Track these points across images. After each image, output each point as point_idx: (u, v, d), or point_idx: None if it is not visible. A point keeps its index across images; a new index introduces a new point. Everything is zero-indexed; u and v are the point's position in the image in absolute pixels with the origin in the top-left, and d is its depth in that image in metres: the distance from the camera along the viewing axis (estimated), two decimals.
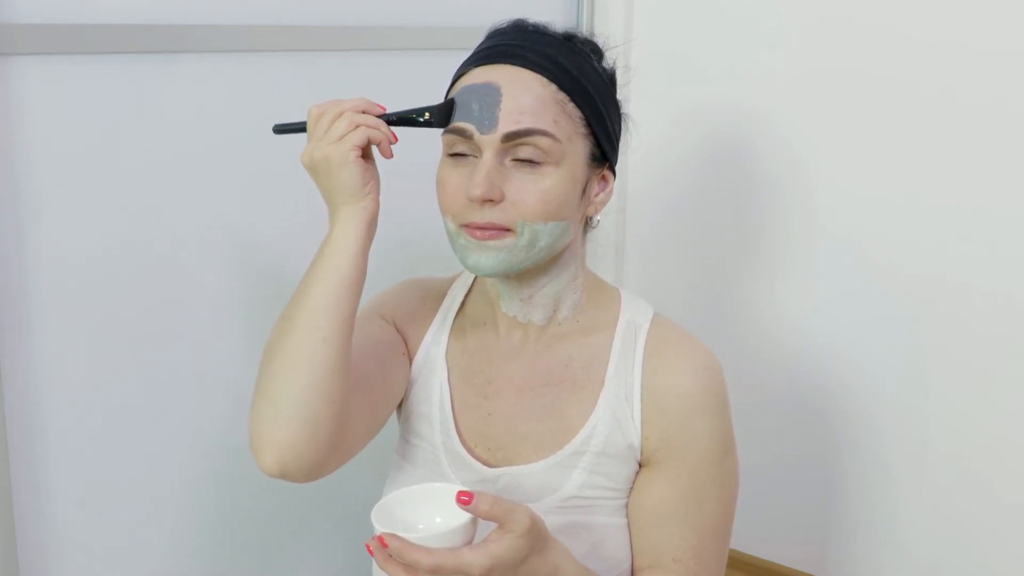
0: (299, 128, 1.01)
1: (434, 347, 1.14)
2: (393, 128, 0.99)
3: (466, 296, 1.17)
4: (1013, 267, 1.61)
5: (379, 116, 0.98)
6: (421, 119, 1.00)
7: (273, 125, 1.03)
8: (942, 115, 1.64)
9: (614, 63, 1.09)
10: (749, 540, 1.90)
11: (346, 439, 1.00)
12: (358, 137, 0.95)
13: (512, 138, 0.98)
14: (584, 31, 1.10)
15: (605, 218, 1.16)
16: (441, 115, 1.00)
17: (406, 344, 1.15)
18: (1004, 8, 1.57)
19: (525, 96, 0.99)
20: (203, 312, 1.40)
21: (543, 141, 0.98)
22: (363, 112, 0.97)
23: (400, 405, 1.17)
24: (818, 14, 1.76)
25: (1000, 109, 1.59)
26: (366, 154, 0.98)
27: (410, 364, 1.15)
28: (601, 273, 1.19)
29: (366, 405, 1.05)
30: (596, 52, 1.07)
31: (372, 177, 0.97)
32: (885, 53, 1.69)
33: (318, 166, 0.96)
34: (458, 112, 1.00)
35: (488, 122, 0.98)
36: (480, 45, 1.06)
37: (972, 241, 1.64)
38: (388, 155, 0.99)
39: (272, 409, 0.95)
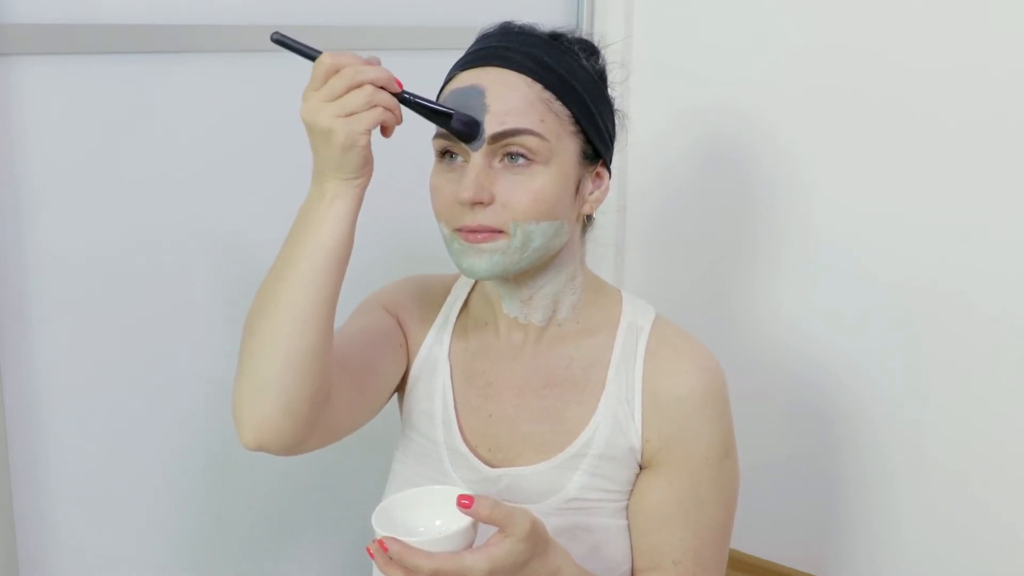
0: (303, 52, 0.91)
1: (436, 345, 1.14)
2: (402, 109, 0.92)
3: (469, 295, 1.17)
4: (1006, 271, 1.62)
5: (396, 94, 0.90)
6: (439, 115, 0.95)
7: (275, 32, 0.91)
8: (939, 124, 1.64)
9: (604, 60, 1.08)
10: (749, 540, 1.90)
11: (329, 420, 0.99)
12: (371, 120, 0.87)
13: (499, 139, 0.97)
14: (584, 32, 1.09)
15: (604, 217, 1.15)
16: (461, 125, 0.96)
17: (405, 337, 1.14)
18: (999, 26, 1.57)
19: (510, 97, 0.98)
20: (203, 313, 1.40)
21: (530, 140, 0.98)
22: (382, 88, 0.88)
23: (402, 401, 1.17)
24: (818, 20, 1.75)
25: (996, 121, 1.59)
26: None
27: (407, 357, 1.14)
28: (601, 273, 1.19)
29: (354, 389, 1.04)
30: (585, 50, 1.06)
31: (371, 156, 0.92)
32: (883, 58, 1.69)
33: (318, 133, 0.88)
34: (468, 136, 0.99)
35: None
36: (468, 48, 1.06)
37: (966, 246, 1.65)
38: (388, 136, 0.94)
39: (250, 387, 0.93)
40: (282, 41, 0.91)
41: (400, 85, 0.91)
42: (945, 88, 1.63)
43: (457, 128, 0.96)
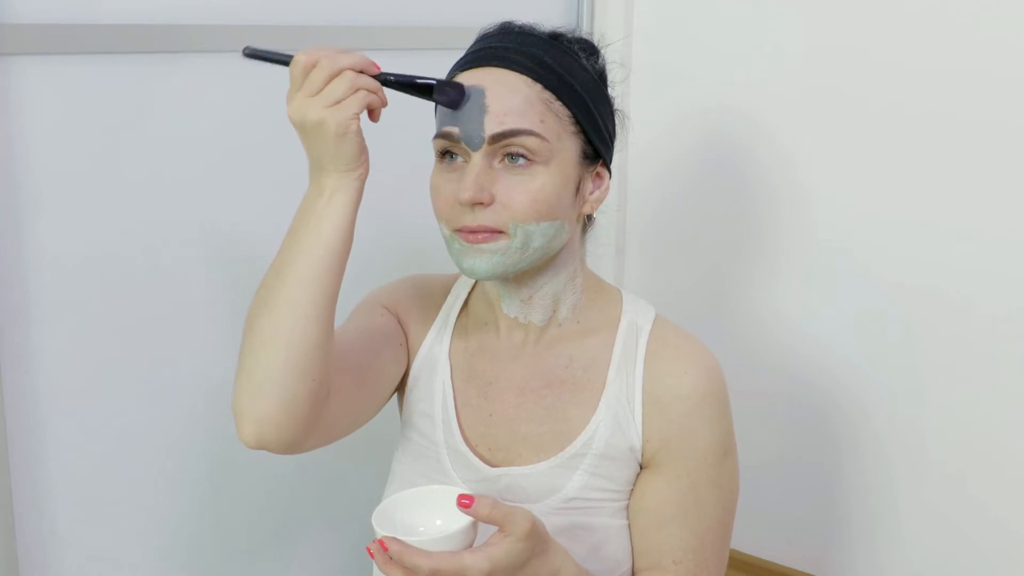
0: (277, 60, 0.92)
1: (436, 345, 1.14)
2: (387, 91, 0.93)
3: (469, 295, 1.17)
4: (1006, 271, 1.62)
5: (376, 76, 0.92)
6: (422, 88, 0.94)
7: (246, 47, 0.93)
8: (939, 124, 1.65)
9: (604, 60, 1.09)
10: (749, 540, 1.90)
11: (329, 418, 0.99)
12: (357, 104, 0.88)
13: (498, 139, 0.97)
14: (584, 32, 1.09)
15: (604, 217, 1.15)
16: (445, 93, 0.96)
17: (406, 336, 1.14)
18: (999, 24, 1.57)
19: (510, 97, 0.98)
20: (204, 312, 1.40)
21: (530, 141, 0.98)
22: (361, 72, 0.90)
23: (402, 401, 1.17)
24: (817, 20, 1.76)
25: (996, 121, 1.59)
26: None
27: (408, 356, 1.15)
28: (601, 273, 1.19)
29: (353, 387, 1.04)
30: (585, 50, 1.06)
31: (365, 144, 0.92)
32: (883, 59, 1.69)
33: (309, 128, 0.89)
34: (446, 116, 0.99)
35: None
36: (468, 49, 1.06)
37: (966, 246, 1.65)
38: (376, 120, 0.95)
39: (250, 385, 0.93)
40: (254, 54, 0.93)
41: (378, 67, 0.92)
42: (944, 89, 1.63)
43: (442, 96, 0.96)
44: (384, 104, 0.93)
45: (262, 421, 0.93)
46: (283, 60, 0.92)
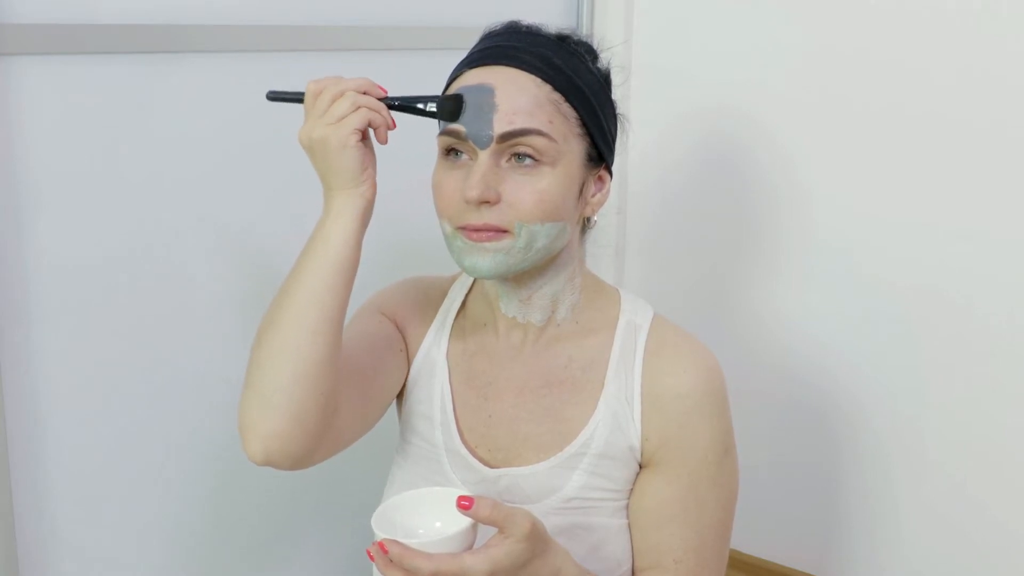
0: (295, 99, 0.98)
1: (435, 348, 1.14)
2: (393, 114, 0.97)
3: (466, 297, 1.17)
4: (1006, 272, 1.62)
5: (381, 99, 0.96)
6: (425, 108, 0.98)
7: (268, 91, 1.01)
8: (938, 125, 1.64)
9: (608, 64, 1.09)
10: (749, 540, 1.90)
11: (335, 430, 1.00)
12: (358, 120, 0.93)
13: (507, 138, 0.97)
14: (584, 33, 1.09)
15: (604, 219, 1.16)
16: (446, 108, 0.98)
17: (405, 342, 1.14)
18: (1000, 25, 1.57)
19: (519, 96, 0.98)
20: (204, 312, 1.40)
21: (538, 141, 0.98)
22: (364, 93, 0.95)
23: (400, 405, 1.17)
24: (817, 22, 1.75)
25: (996, 122, 1.59)
26: (364, 138, 0.96)
27: (408, 362, 1.15)
28: (601, 273, 1.19)
29: (359, 398, 1.05)
30: (590, 53, 1.06)
31: (370, 162, 0.96)
32: (882, 59, 1.69)
33: (315, 147, 0.94)
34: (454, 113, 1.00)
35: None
36: (474, 47, 1.06)
37: (966, 247, 1.65)
38: (383, 141, 0.97)
39: (258, 399, 0.94)
40: (276, 97, 1.00)
41: (384, 90, 0.97)
42: (944, 89, 1.63)
43: (444, 111, 0.98)
44: (390, 125, 0.97)
45: (268, 437, 0.94)
46: (300, 98, 0.98)
